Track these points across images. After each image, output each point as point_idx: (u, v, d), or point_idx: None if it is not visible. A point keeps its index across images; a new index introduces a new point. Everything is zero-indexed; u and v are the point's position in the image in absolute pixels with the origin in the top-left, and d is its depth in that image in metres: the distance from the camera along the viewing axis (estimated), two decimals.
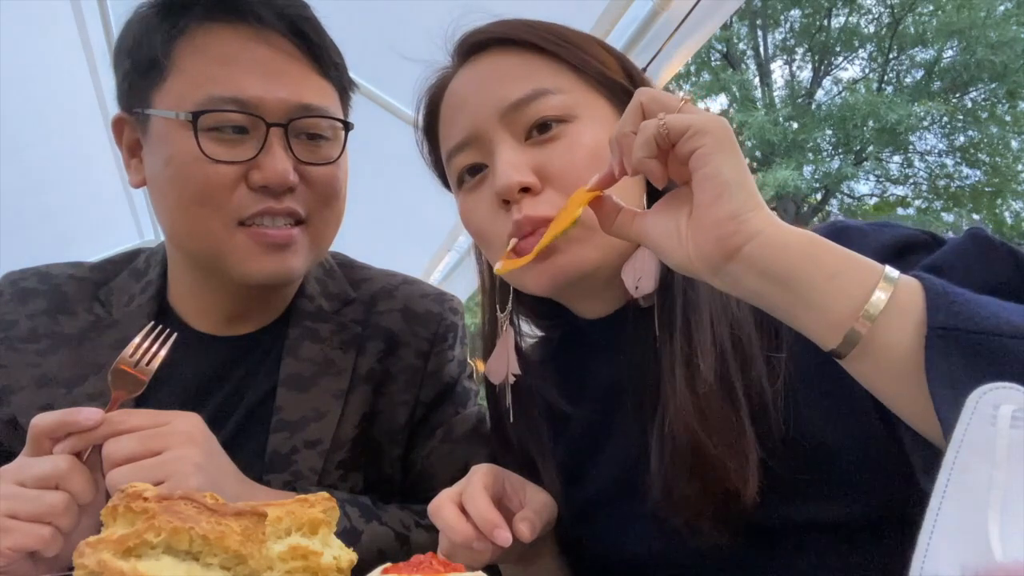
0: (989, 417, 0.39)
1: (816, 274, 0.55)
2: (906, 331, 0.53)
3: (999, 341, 0.51)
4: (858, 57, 13.69)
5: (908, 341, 0.53)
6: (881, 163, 13.10)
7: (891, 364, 0.54)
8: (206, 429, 0.77)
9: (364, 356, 0.97)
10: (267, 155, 0.83)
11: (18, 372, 0.90)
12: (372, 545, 0.84)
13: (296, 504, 0.54)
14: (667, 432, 0.70)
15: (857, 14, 13.37)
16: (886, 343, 0.54)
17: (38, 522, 0.66)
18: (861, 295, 0.54)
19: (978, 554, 0.37)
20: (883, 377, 0.55)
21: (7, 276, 0.98)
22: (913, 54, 13.05)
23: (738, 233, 0.56)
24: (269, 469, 0.88)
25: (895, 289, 0.54)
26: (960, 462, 0.39)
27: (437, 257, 3.66)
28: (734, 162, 0.58)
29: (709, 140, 0.57)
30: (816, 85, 13.79)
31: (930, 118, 12.26)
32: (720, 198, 0.57)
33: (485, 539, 0.67)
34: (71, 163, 3.03)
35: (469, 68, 0.81)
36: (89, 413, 0.69)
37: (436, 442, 0.99)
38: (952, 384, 0.51)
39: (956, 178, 12.88)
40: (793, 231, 0.58)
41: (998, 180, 12.46)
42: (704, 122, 0.58)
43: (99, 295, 0.96)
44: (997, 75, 11.81)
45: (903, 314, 0.53)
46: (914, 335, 0.53)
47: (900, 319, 0.54)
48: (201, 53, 0.83)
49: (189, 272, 0.94)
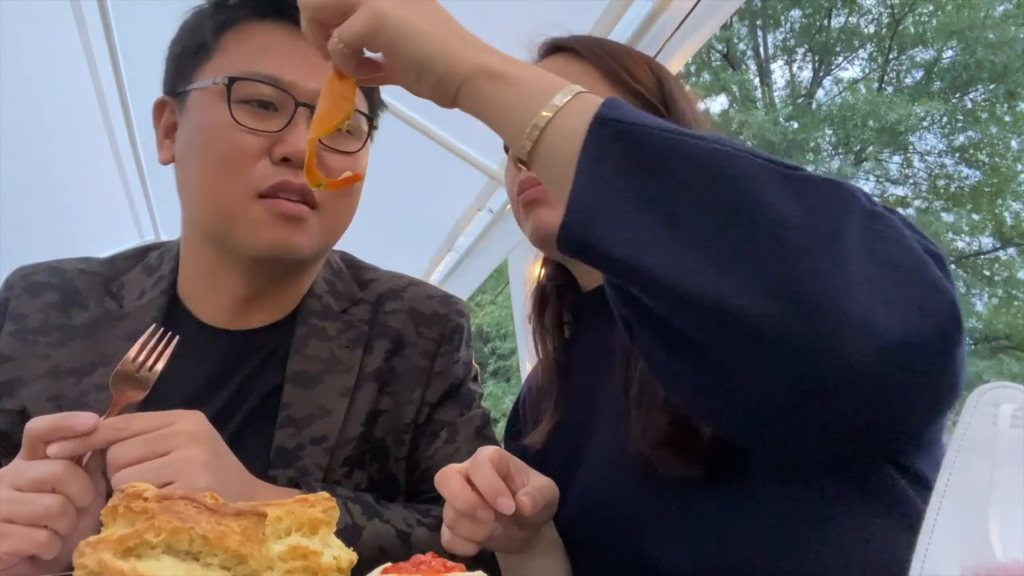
0: (989, 416, 0.39)
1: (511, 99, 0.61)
2: (576, 127, 0.57)
3: (660, 135, 0.54)
4: (858, 57, 13.69)
5: (576, 135, 0.56)
6: (881, 163, 13.09)
7: (559, 162, 0.58)
8: (210, 427, 0.76)
9: (371, 355, 0.98)
10: (291, 130, 0.87)
11: (29, 364, 0.90)
12: (373, 542, 0.84)
13: (296, 504, 0.54)
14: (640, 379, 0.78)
15: (857, 14, 13.37)
16: (552, 145, 0.59)
17: (34, 526, 0.65)
18: (544, 101, 0.59)
19: (978, 554, 0.37)
20: (552, 173, 0.60)
21: (18, 271, 0.99)
22: (913, 54, 13.05)
23: (448, 98, 0.64)
24: (275, 465, 0.89)
25: (575, 97, 0.59)
26: (960, 461, 0.39)
27: (437, 257, 3.66)
28: (414, 32, 0.62)
29: (382, 34, 0.63)
30: (816, 85, 13.79)
31: (930, 118, 12.25)
32: (421, 78, 0.64)
33: (488, 508, 0.70)
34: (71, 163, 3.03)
35: (541, 63, 0.97)
36: (84, 418, 0.68)
37: (440, 443, 1.00)
38: (598, 161, 0.55)
39: (956, 178, 12.87)
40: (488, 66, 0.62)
41: (998, 180, 12.44)
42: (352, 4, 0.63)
43: (111, 288, 0.97)
44: (997, 75, 11.81)
45: (580, 113, 0.57)
46: (581, 129, 0.56)
47: (577, 116, 0.57)
48: (245, 41, 0.91)
49: (201, 253, 0.95)
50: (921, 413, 0.57)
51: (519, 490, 0.73)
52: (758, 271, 0.50)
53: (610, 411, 0.86)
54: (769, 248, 0.50)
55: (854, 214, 0.52)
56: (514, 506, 0.70)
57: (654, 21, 1.74)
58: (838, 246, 0.50)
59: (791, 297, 0.49)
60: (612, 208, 0.54)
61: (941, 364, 0.52)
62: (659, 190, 0.53)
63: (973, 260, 12.54)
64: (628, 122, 0.55)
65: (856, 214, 0.52)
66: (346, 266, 1.08)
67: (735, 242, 0.51)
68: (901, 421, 0.57)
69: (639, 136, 0.54)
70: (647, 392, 0.77)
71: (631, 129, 0.55)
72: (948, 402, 0.57)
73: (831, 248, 0.50)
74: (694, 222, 0.52)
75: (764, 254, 0.50)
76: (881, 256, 0.50)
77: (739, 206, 0.51)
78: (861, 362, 0.49)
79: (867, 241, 0.51)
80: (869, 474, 0.67)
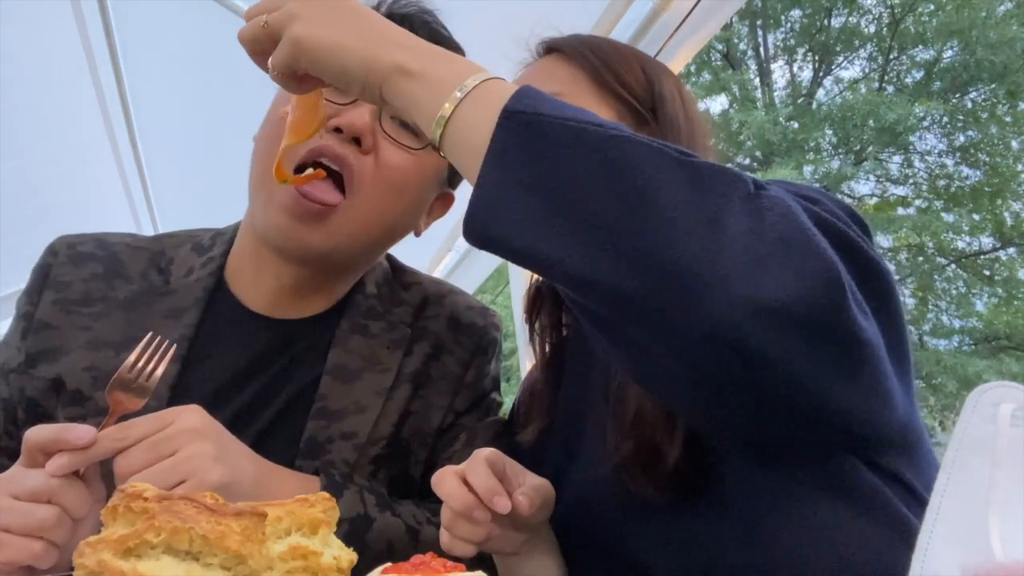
0: (989, 416, 0.39)
1: (420, 92, 0.63)
2: (481, 120, 0.58)
3: (562, 124, 0.55)
4: (858, 57, 13.68)
5: (482, 128, 0.57)
6: (881, 163, 13.09)
7: (465, 155, 0.60)
8: (211, 419, 0.76)
9: (411, 357, 1.00)
10: (354, 108, 0.89)
11: (69, 334, 0.90)
12: (383, 535, 0.85)
13: (296, 504, 0.54)
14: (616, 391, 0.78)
15: (857, 14, 13.36)
16: (456, 138, 0.60)
17: (30, 536, 0.65)
18: (448, 93, 0.60)
19: (978, 553, 0.37)
20: (462, 163, 0.61)
21: (62, 238, 0.98)
22: (913, 54, 13.04)
23: (375, 98, 0.67)
24: (303, 455, 0.89)
25: (486, 80, 0.60)
26: (960, 461, 0.39)
27: (437, 257, 3.66)
28: (330, 49, 0.65)
29: (303, 57, 0.67)
30: (816, 85, 13.79)
31: (930, 118, 12.24)
32: (349, 86, 0.67)
33: (484, 508, 0.70)
34: (71, 163, 3.03)
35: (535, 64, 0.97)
36: (81, 432, 0.67)
37: (459, 446, 1.02)
38: (503, 154, 0.56)
39: (956, 178, 12.86)
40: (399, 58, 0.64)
41: (998, 180, 12.43)
42: (284, 18, 0.67)
43: (159, 263, 0.97)
44: (997, 75, 11.80)
45: (487, 103, 0.58)
46: (488, 121, 0.57)
47: (483, 107, 0.58)
48: None
49: (249, 238, 0.96)
50: (827, 387, 0.57)
51: (515, 490, 0.73)
52: (639, 251, 0.52)
53: (594, 416, 0.87)
54: (652, 229, 0.51)
55: (737, 196, 0.53)
56: (510, 505, 0.70)
57: (654, 21, 1.74)
58: (718, 225, 0.52)
59: (669, 273, 0.51)
60: (513, 199, 0.55)
61: (823, 329, 0.53)
62: (554, 177, 0.54)
63: (973, 260, 12.54)
64: (531, 112, 0.56)
65: (739, 196, 0.53)
66: (392, 269, 1.10)
67: (620, 224, 0.52)
68: (816, 396, 0.57)
69: (541, 126, 0.55)
70: (619, 408, 0.78)
71: (534, 120, 0.56)
72: (854, 375, 0.57)
73: (711, 227, 0.51)
74: (584, 207, 0.53)
75: (647, 235, 0.51)
76: (765, 233, 0.52)
77: (626, 190, 0.53)
78: (731, 317, 0.50)
79: (751, 220, 0.52)
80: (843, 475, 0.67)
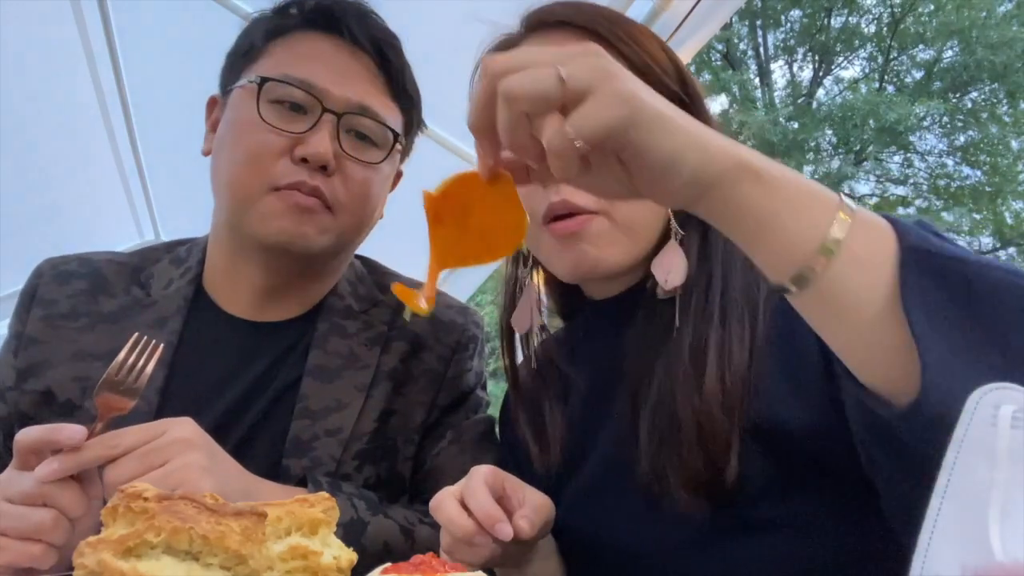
0: (989, 417, 0.39)
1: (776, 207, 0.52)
2: (875, 254, 0.50)
3: (964, 265, 0.49)
4: (858, 57, 13.69)
5: (877, 264, 0.49)
6: (881, 163, 13.10)
7: (857, 291, 0.50)
8: (202, 431, 0.76)
9: (388, 354, 1.01)
10: (314, 133, 0.90)
11: (56, 347, 0.92)
12: (378, 537, 0.86)
13: (296, 504, 0.54)
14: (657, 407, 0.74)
15: (857, 14, 13.37)
16: (845, 272, 0.50)
17: (29, 539, 0.65)
18: (824, 223, 0.50)
19: (978, 554, 0.37)
20: (844, 308, 0.51)
21: (47, 261, 1.02)
22: (913, 54, 13.06)
23: (693, 199, 0.54)
24: (288, 454, 0.91)
25: (855, 215, 0.51)
26: (960, 462, 0.39)
27: None
28: (671, 122, 0.50)
29: (613, 114, 0.49)
30: (816, 85, 13.79)
31: (930, 118, 12.26)
32: (666, 175, 0.52)
33: (485, 534, 0.68)
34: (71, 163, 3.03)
35: (533, 40, 0.83)
36: (71, 432, 0.67)
37: (446, 443, 1.02)
38: (925, 305, 0.48)
39: (956, 178, 12.87)
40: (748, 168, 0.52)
41: (998, 180, 12.45)
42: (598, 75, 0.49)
43: (139, 278, 1.00)
44: (997, 75, 11.81)
45: (869, 238, 0.50)
46: (884, 257, 0.50)
47: (867, 243, 0.50)
48: (291, 48, 0.95)
49: (224, 243, 0.99)
50: None
51: (516, 510, 0.71)
52: None
53: (612, 431, 0.83)
54: None
55: None
56: (512, 533, 0.68)
57: (654, 21, 1.74)
58: None
59: None
60: (963, 371, 0.46)
61: None
62: (989, 338, 0.47)
63: None
64: (936, 253, 0.48)
65: None
66: (367, 270, 1.12)
67: None
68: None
69: (952, 271, 0.48)
70: (671, 427, 0.73)
71: (945, 265, 0.48)
72: None
73: None
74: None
75: None
76: None
77: None
78: None
79: None
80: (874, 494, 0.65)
